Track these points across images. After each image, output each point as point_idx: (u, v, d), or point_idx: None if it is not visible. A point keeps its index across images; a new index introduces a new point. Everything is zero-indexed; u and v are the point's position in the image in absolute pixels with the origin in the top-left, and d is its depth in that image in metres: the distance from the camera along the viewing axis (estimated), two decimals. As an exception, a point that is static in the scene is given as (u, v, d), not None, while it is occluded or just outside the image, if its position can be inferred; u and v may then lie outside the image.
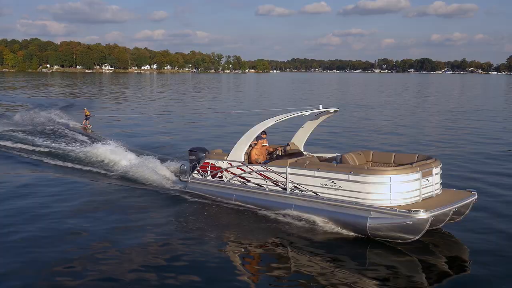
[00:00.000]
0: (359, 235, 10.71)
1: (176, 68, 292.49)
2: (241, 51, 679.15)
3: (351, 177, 10.72)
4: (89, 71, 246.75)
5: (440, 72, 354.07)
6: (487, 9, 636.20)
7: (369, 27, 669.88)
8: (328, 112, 14.00)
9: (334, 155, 13.61)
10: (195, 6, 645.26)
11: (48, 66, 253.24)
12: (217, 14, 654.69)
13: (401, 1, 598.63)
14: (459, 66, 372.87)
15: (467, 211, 11.05)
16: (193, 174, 14.18)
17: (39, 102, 49.22)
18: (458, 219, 11.10)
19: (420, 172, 10.54)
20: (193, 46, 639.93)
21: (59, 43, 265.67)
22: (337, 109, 14.17)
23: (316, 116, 14.22)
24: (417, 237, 10.06)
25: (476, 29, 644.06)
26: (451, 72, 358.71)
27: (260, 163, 13.03)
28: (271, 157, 13.55)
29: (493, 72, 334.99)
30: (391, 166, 11.64)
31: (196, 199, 13.59)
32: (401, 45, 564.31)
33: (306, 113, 13.24)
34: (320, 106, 13.46)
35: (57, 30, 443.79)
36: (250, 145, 13.42)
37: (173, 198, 13.97)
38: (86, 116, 28.75)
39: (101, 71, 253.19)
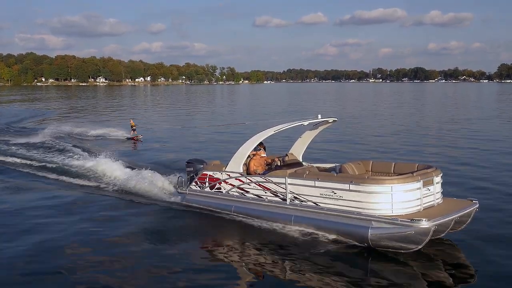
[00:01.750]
0: (361, 245, 10.59)
1: (170, 80, 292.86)
2: (239, 62, 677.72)
3: (352, 187, 10.62)
4: (83, 84, 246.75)
5: (433, 81, 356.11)
6: (483, 18, 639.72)
7: (366, 37, 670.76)
8: (327, 122, 13.93)
9: (333, 165, 13.49)
10: (192, 18, 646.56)
11: (43, 79, 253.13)
12: (214, 26, 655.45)
13: (397, 10, 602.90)
14: (452, 74, 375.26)
15: (469, 220, 10.95)
16: (191, 186, 14.05)
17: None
18: (459, 228, 10.99)
19: (421, 181, 10.46)
20: (190, 58, 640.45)
21: (54, 57, 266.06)
22: (336, 119, 14.10)
23: (315, 126, 14.14)
24: (419, 247, 9.94)
25: (472, 37, 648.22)
26: (444, 81, 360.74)
27: (259, 174, 12.92)
28: (269, 168, 13.43)
29: (484, 81, 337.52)
30: (391, 176, 11.55)
31: (194, 211, 13.45)
32: (398, 54, 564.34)
33: (305, 123, 13.17)
34: (319, 116, 13.40)
35: (55, 44, 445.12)
36: (249, 156, 13.32)
37: (171, 210, 13.84)
38: (132, 127, 29.64)
39: (96, 84, 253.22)
